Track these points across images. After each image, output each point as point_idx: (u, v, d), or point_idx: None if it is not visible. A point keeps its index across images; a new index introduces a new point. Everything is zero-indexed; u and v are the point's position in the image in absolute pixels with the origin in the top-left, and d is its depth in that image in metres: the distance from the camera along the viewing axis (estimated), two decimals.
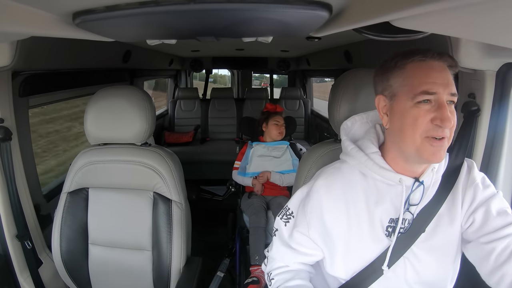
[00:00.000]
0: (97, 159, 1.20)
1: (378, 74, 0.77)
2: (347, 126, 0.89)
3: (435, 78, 0.68)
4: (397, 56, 0.73)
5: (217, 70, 6.11)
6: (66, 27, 0.65)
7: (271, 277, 0.89)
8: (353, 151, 0.81)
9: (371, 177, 0.79)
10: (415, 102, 0.68)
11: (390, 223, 0.77)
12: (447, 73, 0.69)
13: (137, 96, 1.15)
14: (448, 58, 0.70)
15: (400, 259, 0.76)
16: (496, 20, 0.46)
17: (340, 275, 0.81)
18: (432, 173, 0.76)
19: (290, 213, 0.89)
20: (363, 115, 0.89)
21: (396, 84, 0.72)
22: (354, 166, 0.81)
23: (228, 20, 0.63)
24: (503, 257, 0.68)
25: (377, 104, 0.78)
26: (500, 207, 0.73)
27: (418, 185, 0.76)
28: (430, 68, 0.69)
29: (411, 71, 0.70)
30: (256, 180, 2.03)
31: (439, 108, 0.67)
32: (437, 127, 0.67)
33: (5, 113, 1.13)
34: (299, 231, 0.85)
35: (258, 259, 1.72)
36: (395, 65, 0.72)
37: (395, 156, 0.77)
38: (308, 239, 0.84)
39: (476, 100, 0.98)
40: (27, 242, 1.17)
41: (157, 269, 1.18)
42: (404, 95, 0.70)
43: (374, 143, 0.80)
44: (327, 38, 1.00)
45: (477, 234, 0.73)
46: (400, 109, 0.71)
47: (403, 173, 0.76)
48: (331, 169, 0.86)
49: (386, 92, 0.75)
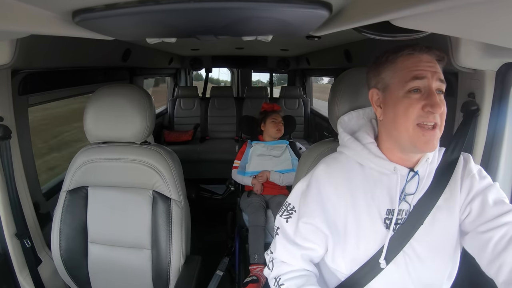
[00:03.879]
0: (97, 157, 1.20)
1: (371, 70, 0.82)
2: (344, 120, 0.92)
3: (424, 67, 0.72)
4: (387, 51, 0.77)
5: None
6: (65, 26, 0.64)
7: (281, 283, 0.85)
8: (349, 142, 0.84)
9: (368, 166, 0.81)
10: (405, 91, 0.72)
11: (388, 215, 0.78)
12: (435, 63, 0.73)
13: (137, 95, 1.15)
14: (436, 51, 0.73)
15: (400, 253, 0.77)
16: (496, 20, 0.46)
17: (340, 268, 0.81)
18: (426, 164, 0.78)
19: (291, 208, 0.89)
20: (360, 111, 0.92)
21: (388, 76, 0.76)
22: (351, 156, 0.83)
23: (228, 18, 0.63)
24: (500, 246, 0.68)
25: (371, 98, 0.82)
26: (496, 197, 0.74)
27: (413, 175, 0.78)
28: (419, 60, 0.73)
29: (401, 63, 0.74)
30: (255, 179, 2.04)
31: (429, 96, 0.70)
32: (428, 113, 0.70)
33: (5, 112, 1.12)
34: (304, 222, 0.84)
35: (258, 258, 1.72)
36: (386, 60, 0.77)
37: (390, 146, 0.79)
38: (315, 229, 0.83)
39: (475, 99, 0.98)
40: (26, 241, 1.17)
41: (156, 267, 1.18)
42: (396, 85, 0.74)
43: (370, 135, 0.83)
44: (327, 37, 1.00)
45: (474, 224, 0.74)
46: (392, 100, 0.75)
47: (398, 162, 0.78)
48: (330, 159, 0.87)
49: (379, 85, 0.79)
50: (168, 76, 4.20)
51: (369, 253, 0.78)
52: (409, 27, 0.60)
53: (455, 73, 1.07)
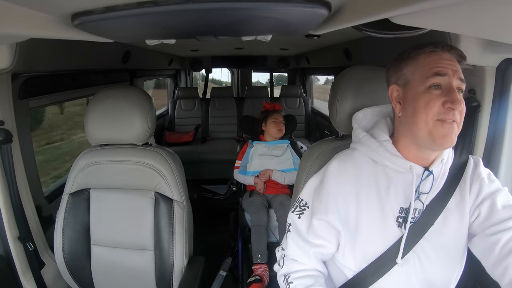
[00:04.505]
0: (98, 159, 1.20)
1: (392, 66, 0.81)
2: (358, 117, 0.91)
3: (445, 64, 0.72)
4: (409, 48, 0.77)
5: None
6: (65, 29, 0.64)
7: (290, 280, 0.85)
8: (364, 138, 0.84)
9: (382, 164, 0.81)
10: (426, 87, 0.72)
11: (401, 213, 0.78)
12: (456, 62, 0.74)
13: (137, 96, 1.15)
14: (458, 50, 0.74)
15: (410, 252, 0.77)
16: (496, 16, 0.46)
17: (350, 265, 0.81)
18: (441, 164, 0.78)
19: (304, 204, 0.88)
20: (375, 108, 0.92)
21: (409, 72, 0.76)
22: (365, 153, 0.83)
23: (227, 19, 0.63)
24: (507, 249, 0.69)
25: (390, 94, 0.81)
26: (505, 201, 0.75)
27: (428, 174, 0.77)
28: (440, 57, 0.73)
29: (422, 60, 0.74)
30: (258, 178, 2.03)
31: (449, 92, 0.70)
32: (449, 109, 0.70)
33: (6, 116, 1.13)
34: (318, 218, 0.83)
35: (261, 258, 1.72)
36: (408, 56, 0.77)
37: (407, 143, 0.79)
38: (328, 225, 0.82)
39: (476, 96, 0.98)
40: (29, 244, 1.18)
41: (160, 269, 1.18)
42: (417, 81, 0.74)
43: (385, 132, 0.83)
44: (327, 35, 1.00)
45: (483, 226, 0.75)
46: (412, 95, 0.75)
47: (413, 161, 0.78)
48: (343, 155, 0.87)
49: (400, 81, 0.79)
50: (168, 77, 4.21)
51: (379, 250, 0.78)
52: (408, 24, 0.60)
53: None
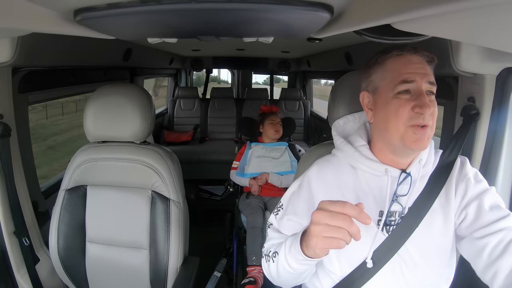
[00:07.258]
0: (96, 156, 1.20)
1: (362, 72, 0.83)
2: (338, 124, 0.94)
3: (413, 69, 0.72)
4: (377, 53, 0.78)
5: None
6: (67, 24, 0.64)
7: (266, 253, 0.84)
8: (341, 145, 0.85)
9: (360, 169, 0.81)
10: (395, 93, 0.72)
11: (380, 216, 0.78)
12: (425, 64, 0.74)
13: (137, 94, 1.15)
14: (425, 52, 0.74)
15: (395, 256, 0.76)
16: (497, 25, 0.46)
17: (335, 270, 0.81)
18: (419, 165, 0.78)
19: (281, 205, 0.91)
20: (356, 115, 0.93)
21: (377, 79, 0.77)
22: (343, 159, 0.84)
23: (229, 19, 0.63)
24: (496, 252, 0.68)
25: (362, 100, 0.82)
26: (493, 202, 0.74)
27: (406, 177, 0.77)
28: (408, 61, 0.73)
29: (390, 65, 0.75)
30: (253, 180, 2.03)
31: (418, 97, 0.70)
32: (418, 114, 0.70)
33: (5, 109, 1.12)
34: (288, 218, 0.86)
35: (255, 260, 1.72)
36: (375, 62, 0.78)
37: (382, 148, 0.79)
38: (299, 226, 0.81)
39: (475, 104, 0.98)
40: (24, 239, 1.17)
41: (154, 268, 1.18)
42: (385, 87, 0.75)
43: (362, 138, 0.84)
44: (328, 39, 1.00)
45: (470, 229, 0.73)
46: (382, 101, 0.75)
47: (390, 164, 0.78)
48: (322, 161, 0.89)
49: (369, 88, 0.80)
50: (169, 77, 4.21)
51: (363, 255, 0.78)
52: (410, 30, 0.60)
53: (455, 77, 1.07)
